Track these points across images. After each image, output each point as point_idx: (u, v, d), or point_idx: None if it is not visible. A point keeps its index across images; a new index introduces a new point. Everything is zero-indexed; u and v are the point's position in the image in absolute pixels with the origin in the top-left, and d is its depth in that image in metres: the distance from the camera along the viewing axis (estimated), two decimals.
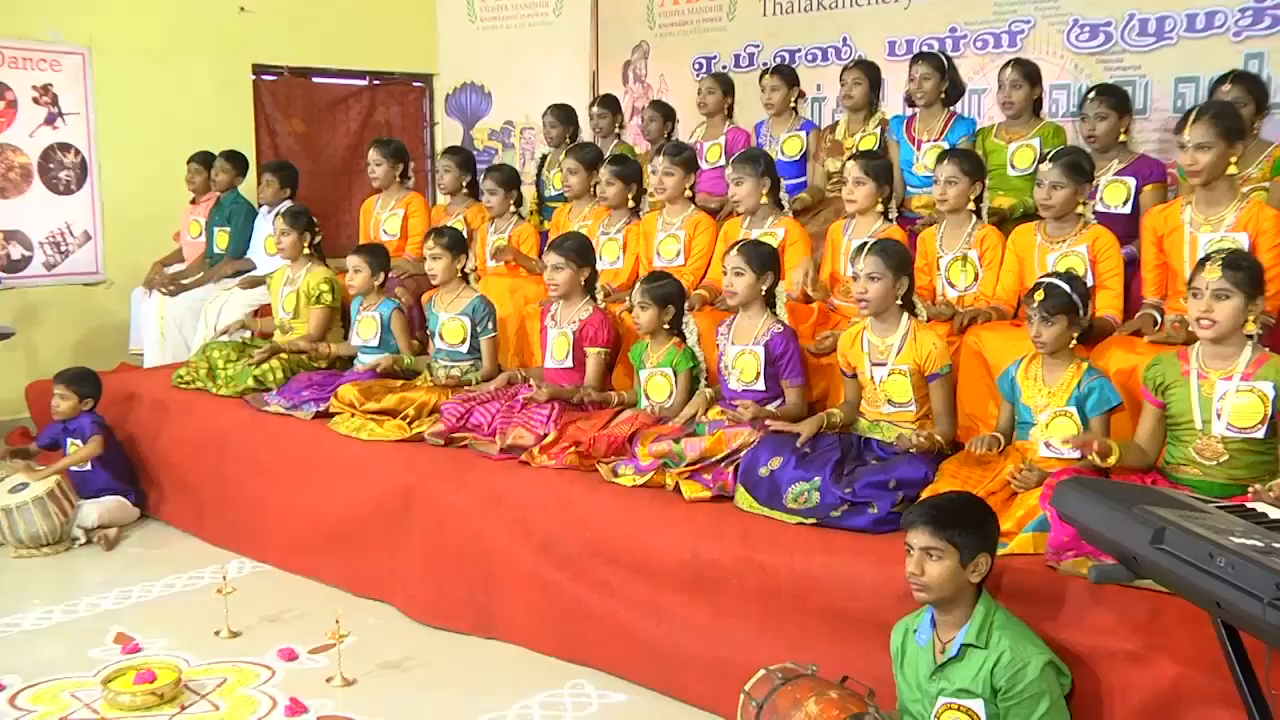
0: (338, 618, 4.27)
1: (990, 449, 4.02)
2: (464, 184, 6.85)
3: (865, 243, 4.46)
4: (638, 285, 5.05)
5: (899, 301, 4.39)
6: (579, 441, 4.79)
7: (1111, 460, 3.70)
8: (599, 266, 5.72)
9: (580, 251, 5.30)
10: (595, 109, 7.26)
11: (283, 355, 6.07)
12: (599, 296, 5.40)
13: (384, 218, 6.92)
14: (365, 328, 5.95)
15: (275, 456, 5.56)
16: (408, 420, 5.36)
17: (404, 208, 6.89)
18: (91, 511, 5.76)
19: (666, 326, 5.01)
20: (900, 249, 4.49)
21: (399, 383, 5.65)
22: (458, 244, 5.70)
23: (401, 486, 5.00)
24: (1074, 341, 4.01)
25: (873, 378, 4.42)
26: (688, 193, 5.77)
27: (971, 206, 4.96)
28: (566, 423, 4.93)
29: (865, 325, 4.49)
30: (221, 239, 7.40)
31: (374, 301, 5.96)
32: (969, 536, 3.27)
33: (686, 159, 5.75)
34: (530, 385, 5.17)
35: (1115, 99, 5.12)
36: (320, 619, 4.60)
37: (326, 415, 5.57)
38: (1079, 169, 4.55)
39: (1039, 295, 3.98)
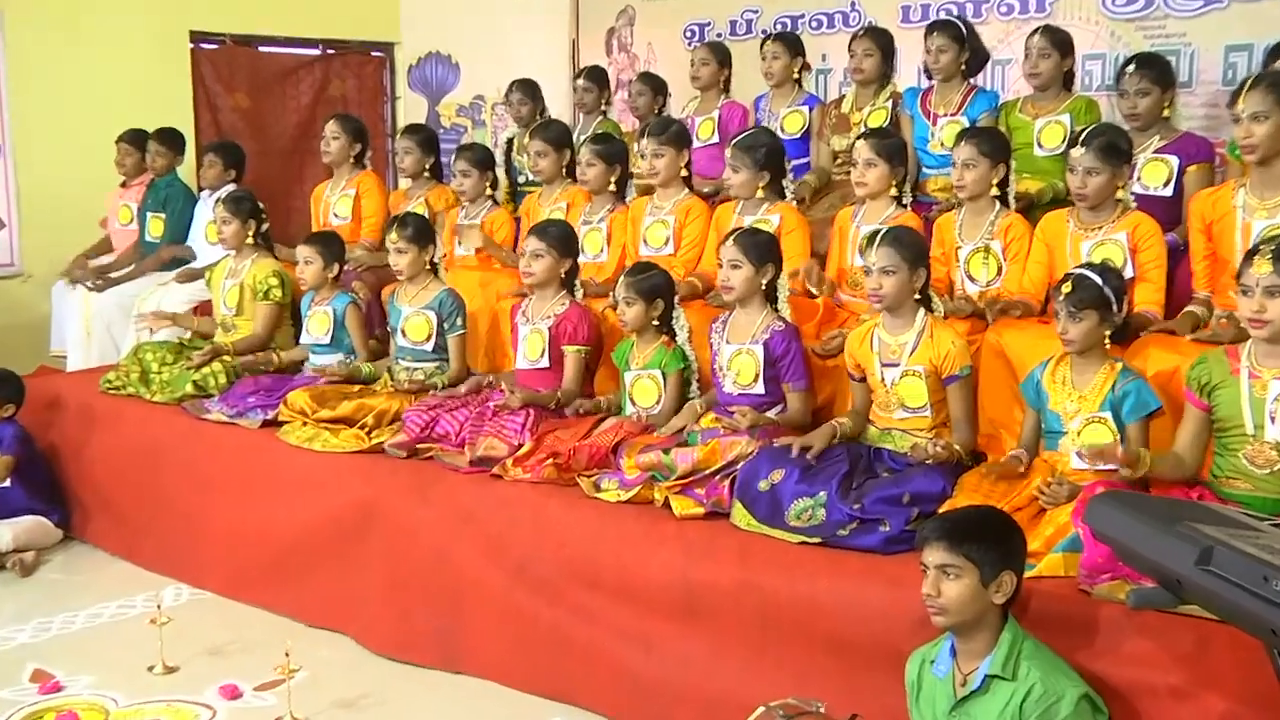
0: (287, 650, 4.26)
1: (1011, 470, 4.03)
2: (427, 166, 6.86)
3: (877, 231, 4.46)
4: (621, 278, 5.05)
5: (916, 296, 4.40)
6: (557, 453, 4.78)
7: (1140, 471, 3.71)
8: (580, 260, 5.72)
9: (565, 240, 5.31)
10: (581, 82, 7.26)
11: (226, 358, 6.06)
12: (578, 292, 5.39)
13: (334, 200, 6.93)
14: (316, 324, 5.94)
15: (217, 470, 5.54)
16: (366, 429, 5.35)
17: (355, 187, 6.90)
18: (5, 533, 5.72)
19: (654, 323, 5.01)
20: (916, 237, 4.50)
21: (356, 388, 5.65)
22: (424, 234, 5.69)
23: (359, 503, 4.99)
24: (1106, 340, 4.02)
25: (884, 380, 4.43)
26: (684, 173, 5.77)
27: (994, 191, 4.97)
28: (543, 432, 4.92)
29: (876, 322, 4.50)
30: (156, 226, 7.38)
31: (327, 296, 5.96)
32: (990, 552, 3.27)
33: (676, 134, 5.76)
34: (503, 390, 5.17)
35: (1157, 71, 5.13)
36: (267, 652, 4.58)
37: (275, 424, 5.55)
38: (1115, 151, 4.56)
39: (1066, 288, 3.99)
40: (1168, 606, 2.95)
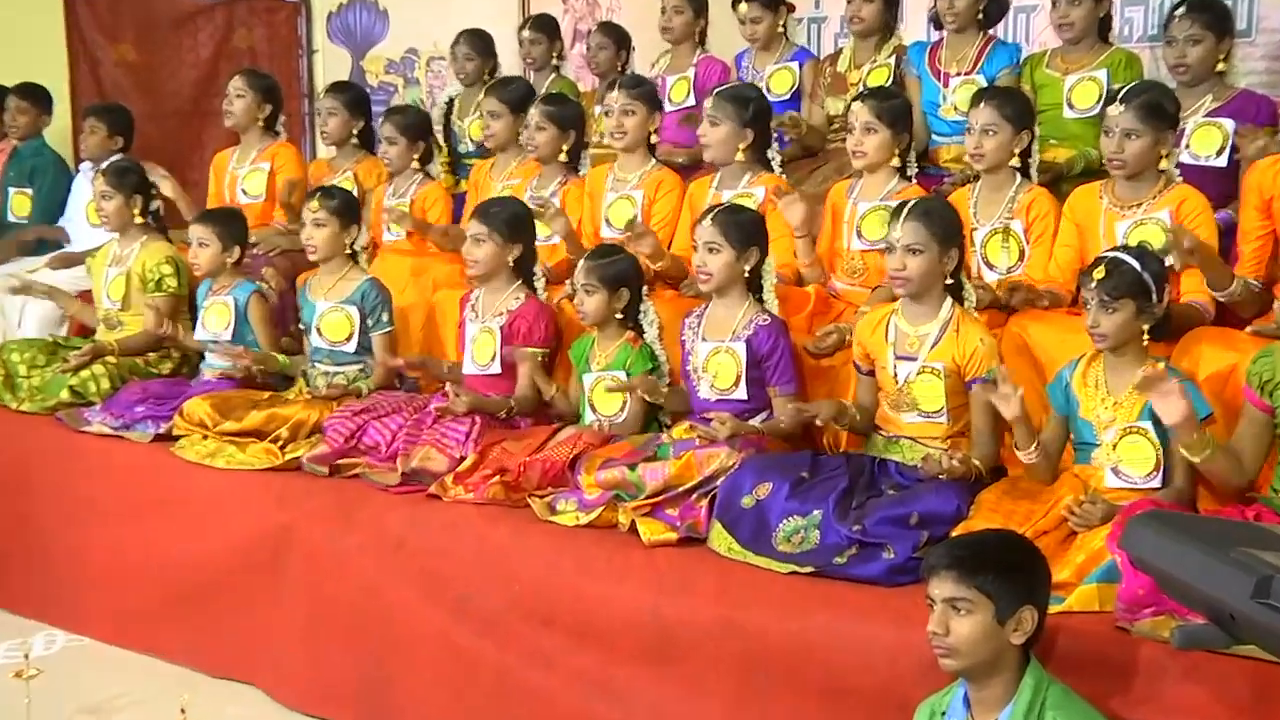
0: (184, 706, 4.22)
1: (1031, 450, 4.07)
2: (354, 131, 6.83)
3: (906, 201, 4.47)
4: (581, 263, 5.05)
5: (947, 281, 4.41)
6: (505, 468, 4.78)
7: (1201, 454, 3.73)
8: None
9: (513, 222, 5.30)
10: (527, 33, 7.26)
11: (109, 359, 6.03)
12: (539, 283, 5.40)
13: (242, 174, 6.90)
14: (214, 317, 5.89)
15: (100, 492, 5.51)
16: (279, 443, 5.33)
17: (269, 160, 6.87)
18: None
19: (619, 317, 5.02)
20: (950, 212, 4.51)
21: (266, 394, 5.63)
22: (349, 210, 5.67)
23: (270, 530, 4.98)
24: (1145, 336, 4.05)
25: (896, 376, 4.44)
26: (653, 138, 5.78)
27: (1016, 162, 5.00)
28: (489, 443, 4.92)
29: (894, 308, 4.51)
30: (20, 203, 7.32)
31: (226, 284, 5.92)
32: (1007, 584, 3.28)
33: (650, 93, 5.78)
34: (445, 393, 5.16)
35: (1211, 17, 5.17)
36: (160, 708, 4.56)
37: (169, 438, 5.52)
38: (1159, 112, 4.59)
39: (1098, 273, 4.02)
40: (1220, 646, 2.97)
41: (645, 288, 5.15)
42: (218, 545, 5.09)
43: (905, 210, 4.38)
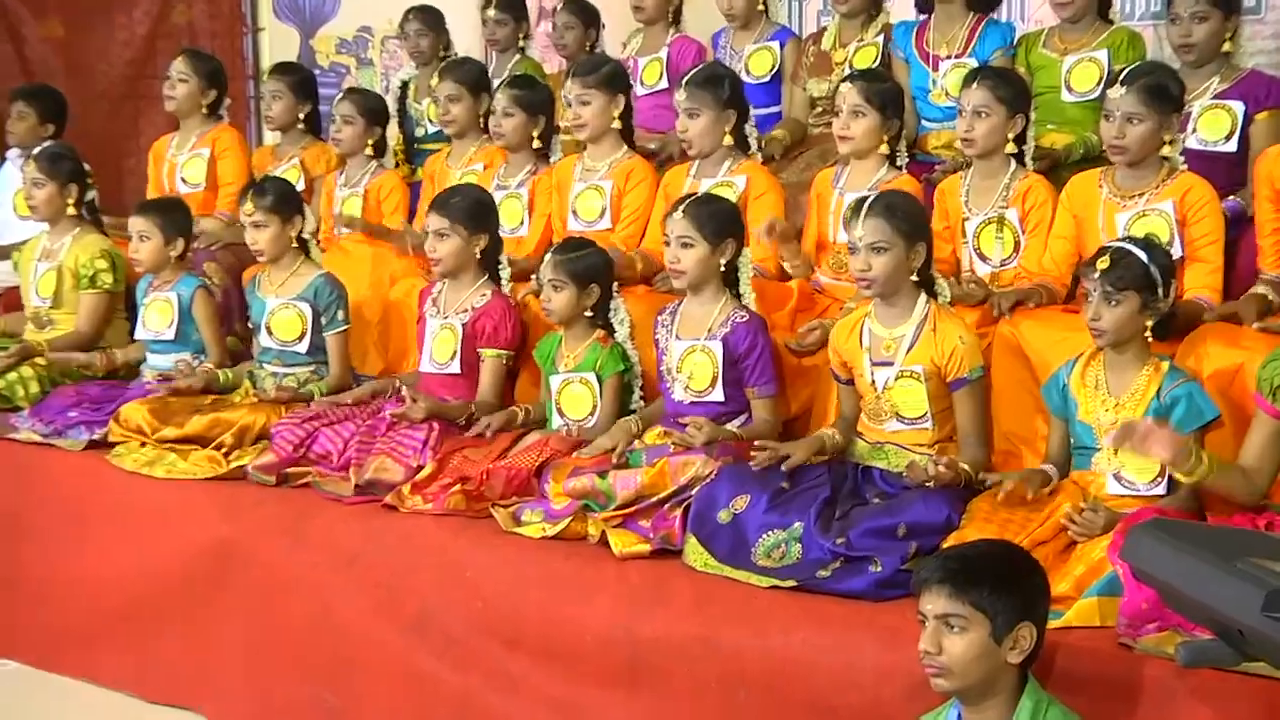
0: None
1: (1031, 491, 4.05)
2: (301, 116, 6.83)
3: (864, 197, 4.48)
4: (548, 257, 5.04)
5: (914, 278, 4.41)
6: (466, 477, 4.78)
7: (1196, 476, 3.73)
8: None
9: (474, 212, 5.29)
10: (492, 12, 7.22)
11: (39, 361, 5.99)
12: (504, 277, 5.39)
13: (181, 161, 6.88)
14: (155, 315, 5.87)
15: (29, 504, 5.49)
16: (223, 450, 5.32)
17: (209, 146, 6.85)
18: None
19: (588, 314, 5.01)
20: (913, 205, 4.52)
21: (209, 398, 5.60)
22: (287, 203, 5.65)
23: (214, 544, 4.97)
24: (1147, 332, 4.06)
25: (874, 383, 4.45)
26: (615, 124, 5.78)
27: (1011, 148, 4.99)
28: (449, 450, 4.92)
29: (867, 311, 4.51)
30: None
31: (169, 279, 5.89)
32: (1003, 599, 3.28)
33: (608, 77, 5.74)
34: (401, 398, 5.14)
35: None
36: None
37: (105, 445, 5.50)
38: (1163, 94, 4.60)
39: (1102, 263, 4.02)
40: (1228, 664, 2.96)
41: (616, 284, 5.14)
42: (157, 561, 5.07)
43: (865, 207, 4.38)
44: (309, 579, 4.74)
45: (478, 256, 5.29)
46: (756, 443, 4.45)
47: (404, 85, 7.31)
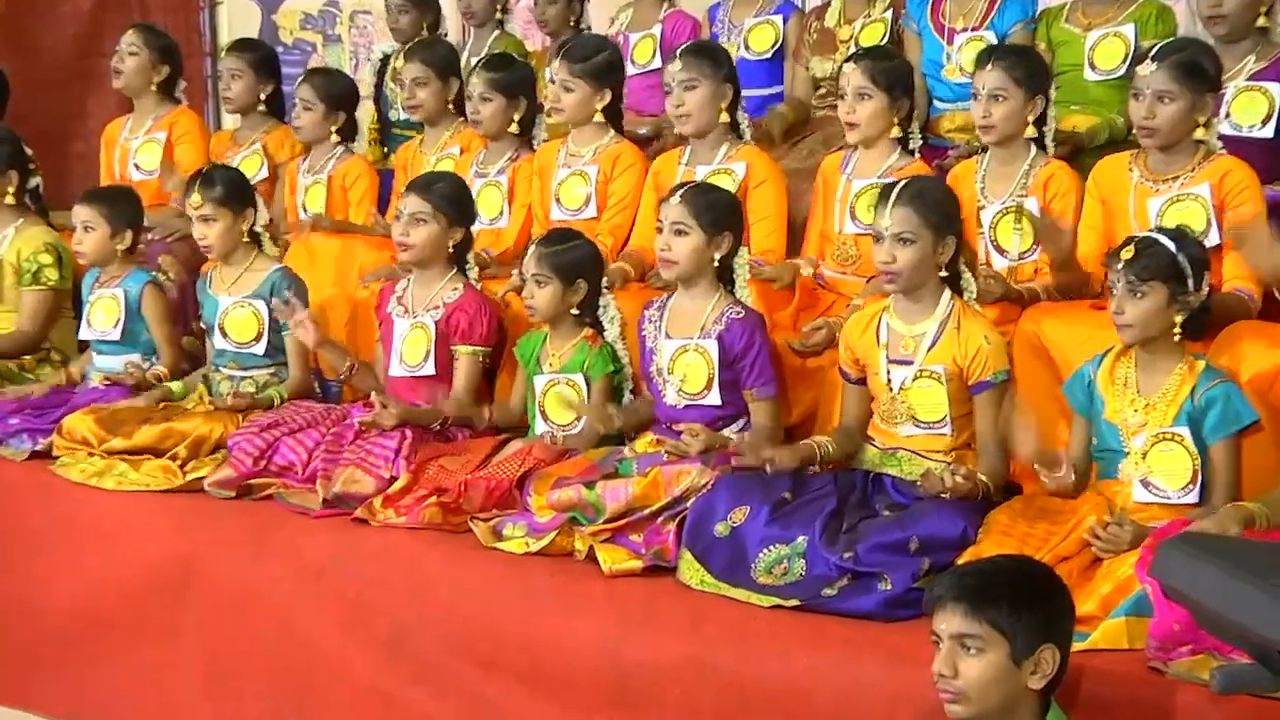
0: None
1: (1055, 473, 4.05)
2: (262, 97, 6.82)
3: (893, 183, 4.46)
4: (531, 250, 5.04)
5: (942, 273, 4.41)
6: (443, 488, 4.78)
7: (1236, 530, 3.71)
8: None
9: (456, 201, 5.29)
10: None
11: None
12: (473, 274, 5.38)
13: (135, 146, 6.87)
14: (102, 313, 5.84)
15: None
16: (178, 461, 5.30)
17: (166, 130, 6.85)
18: None
19: (575, 312, 5.01)
20: (946, 196, 4.51)
21: (162, 405, 5.59)
22: (238, 194, 5.62)
23: (168, 561, 4.96)
24: (1177, 329, 4.05)
25: (890, 383, 4.44)
26: (599, 115, 5.76)
27: (1031, 131, 5.00)
28: (424, 460, 4.91)
29: (886, 305, 4.51)
30: None
31: (116, 274, 5.88)
32: (1023, 619, 3.28)
33: (599, 68, 5.72)
34: (370, 404, 5.13)
35: None
36: None
37: (49, 455, 5.48)
38: (1197, 72, 4.59)
39: (1126, 253, 4.01)
40: (1267, 690, 2.96)
41: (605, 279, 5.14)
42: (106, 579, 5.06)
43: (894, 194, 4.36)
44: (273, 597, 4.73)
45: (450, 250, 5.28)
46: (735, 442, 4.47)
47: (383, 60, 7.31)
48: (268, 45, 7.49)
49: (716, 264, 4.74)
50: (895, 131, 5.20)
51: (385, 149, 7.05)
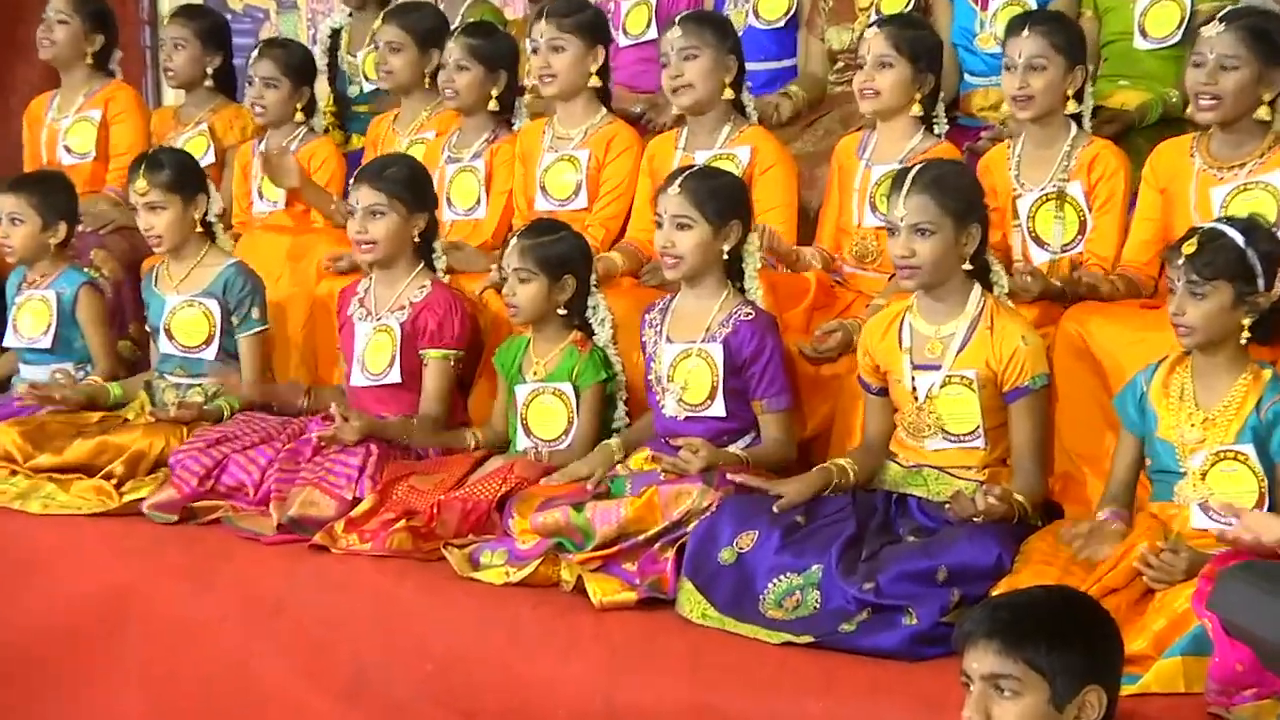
0: None
1: (1101, 541, 4.03)
2: (209, 70, 6.83)
3: (907, 169, 4.46)
4: (513, 243, 5.04)
5: (966, 266, 4.41)
6: (413, 511, 4.78)
7: None
8: (446, 215, 5.71)
9: (414, 185, 5.29)
10: None
11: None
12: (439, 265, 5.39)
13: (64, 126, 6.88)
14: (30, 318, 5.86)
15: None
16: (113, 481, 5.30)
17: (100, 107, 6.85)
18: None
19: (562, 313, 5.02)
20: (967, 180, 4.52)
21: (96, 416, 5.60)
22: (188, 179, 5.63)
23: (104, 593, 4.96)
24: (1244, 333, 4.04)
25: (915, 391, 4.43)
26: (593, 81, 5.77)
27: (1073, 107, 5.00)
28: (392, 479, 4.91)
29: (909, 304, 4.50)
30: None
31: (47, 273, 5.89)
32: (1065, 658, 3.26)
33: (589, 23, 5.76)
34: (330, 417, 5.12)
35: None
36: None
37: None
38: (1265, 40, 4.59)
39: (1188, 247, 4.00)
40: None
41: (594, 277, 5.14)
42: (33, 613, 5.07)
43: (908, 180, 4.36)
44: (220, 635, 4.73)
45: (415, 240, 5.28)
46: (735, 475, 4.44)
47: (334, 34, 7.30)
48: (215, 12, 7.51)
49: (725, 257, 4.75)
50: (916, 109, 5.21)
51: (346, 131, 7.03)
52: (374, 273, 5.33)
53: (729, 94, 5.42)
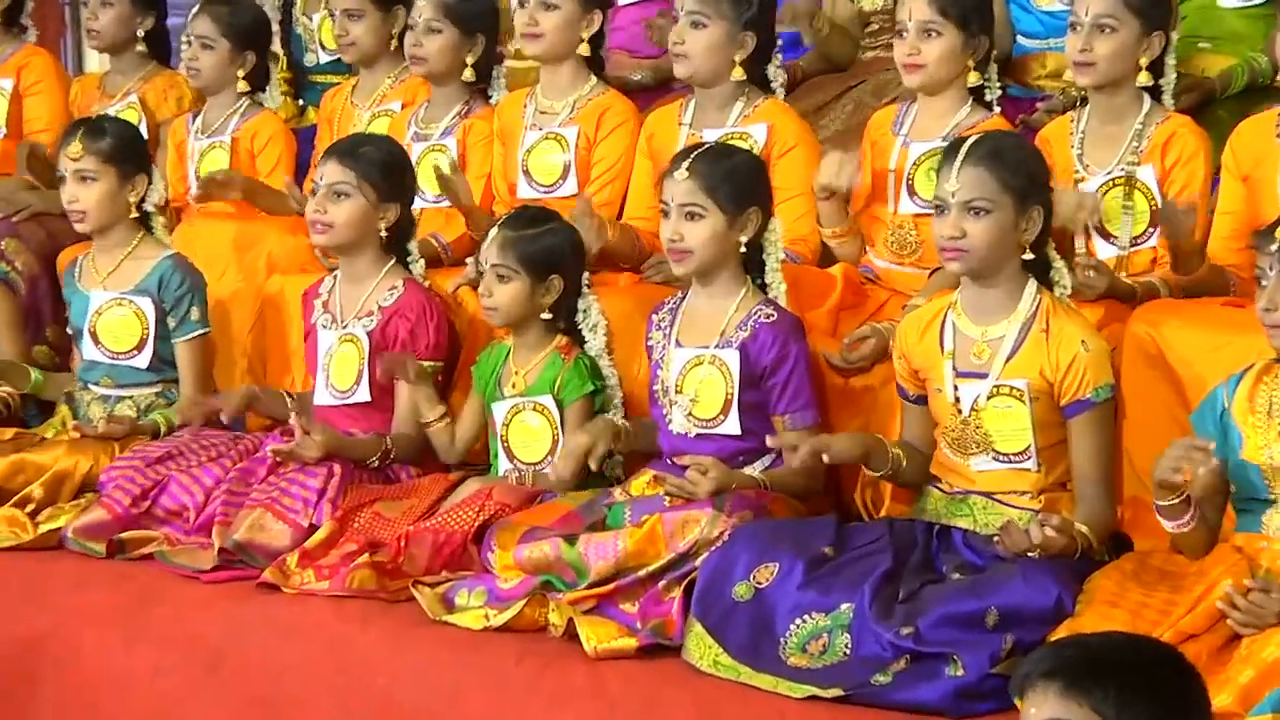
0: None
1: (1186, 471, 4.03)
2: (140, 33, 6.85)
3: (962, 139, 4.47)
4: (492, 234, 5.07)
5: (1025, 255, 4.42)
6: (378, 542, 4.80)
7: None
8: (417, 203, 5.73)
9: (390, 171, 5.32)
10: None
11: None
12: (416, 269, 5.41)
13: None
14: None
15: None
16: (30, 507, 5.32)
17: (12, 76, 6.89)
18: None
19: (546, 316, 5.04)
20: (1030, 155, 4.53)
21: (10, 432, 5.63)
22: (130, 153, 5.67)
23: (16, 641, 4.98)
24: None
25: (959, 402, 4.45)
26: (583, 48, 5.79)
27: (1144, 78, 5.01)
28: (354, 505, 4.94)
29: (952, 300, 4.52)
30: None
31: None
32: (1136, 708, 3.25)
33: None
34: (290, 431, 5.14)
35: None
36: None
37: None
38: None
39: None
40: None
41: (586, 274, 5.16)
42: None
43: (963, 151, 4.36)
44: (151, 689, 4.74)
45: (383, 234, 5.30)
46: (789, 440, 4.47)
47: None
48: None
49: (742, 250, 4.76)
50: (973, 78, 5.22)
51: (301, 102, 7.05)
52: (335, 268, 5.35)
53: (738, 74, 5.43)
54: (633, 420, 5.01)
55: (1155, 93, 5.04)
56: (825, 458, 4.36)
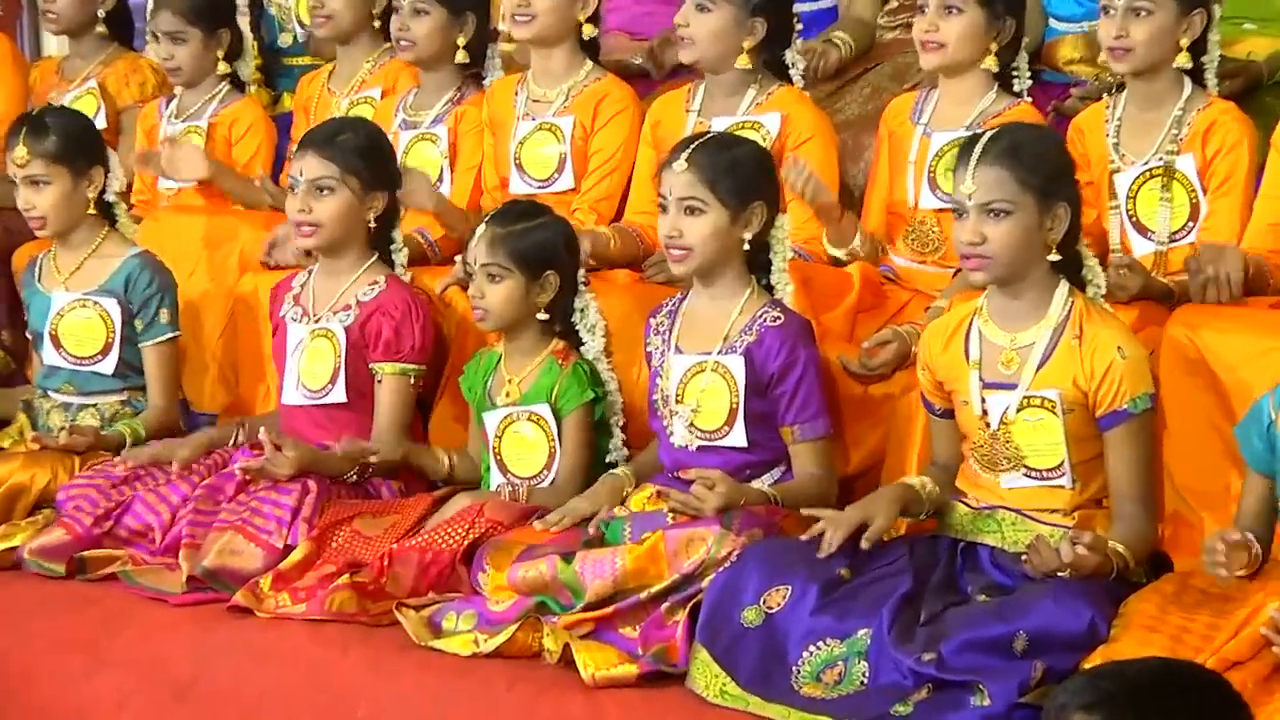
0: None
1: (1234, 561, 4.03)
2: (100, 14, 6.88)
3: (977, 135, 4.46)
4: (481, 230, 5.07)
5: (1054, 256, 4.41)
6: (358, 562, 4.80)
7: None
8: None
9: (370, 155, 5.33)
10: None
11: None
12: (399, 259, 5.41)
13: None
14: None
15: None
16: None
17: None
18: None
19: (542, 317, 5.04)
20: (1052, 147, 4.52)
21: None
22: (81, 148, 5.67)
23: None
24: None
25: (986, 414, 4.44)
26: (587, 31, 5.80)
27: (1184, 59, 5.02)
28: (333, 523, 4.94)
29: (977, 305, 4.52)
30: None
31: None
32: None
33: None
34: (259, 446, 5.13)
35: None
36: None
37: None
38: None
39: None
40: None
41: (583, 272, 5.16)
42: None
43: (978, 149, 4.34)
44: None
45: (371, 225, 5.30)
46: (805, 512, 4.43)
47: None
48: None
49: (747, 248, 4.76)
50: (990, 62, 5.23)
51: (274, 90, 7.06)
52: (312, 264, 5.36)
53: (744, 62, 5.44)
54: (636, 459, 5.03)
55: (1197, 75, 5.04)
56: (864, 542, 4.30)
